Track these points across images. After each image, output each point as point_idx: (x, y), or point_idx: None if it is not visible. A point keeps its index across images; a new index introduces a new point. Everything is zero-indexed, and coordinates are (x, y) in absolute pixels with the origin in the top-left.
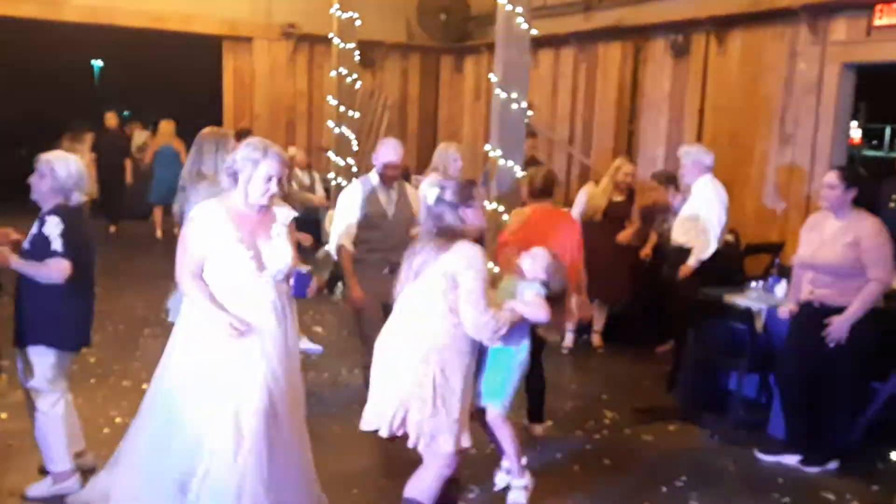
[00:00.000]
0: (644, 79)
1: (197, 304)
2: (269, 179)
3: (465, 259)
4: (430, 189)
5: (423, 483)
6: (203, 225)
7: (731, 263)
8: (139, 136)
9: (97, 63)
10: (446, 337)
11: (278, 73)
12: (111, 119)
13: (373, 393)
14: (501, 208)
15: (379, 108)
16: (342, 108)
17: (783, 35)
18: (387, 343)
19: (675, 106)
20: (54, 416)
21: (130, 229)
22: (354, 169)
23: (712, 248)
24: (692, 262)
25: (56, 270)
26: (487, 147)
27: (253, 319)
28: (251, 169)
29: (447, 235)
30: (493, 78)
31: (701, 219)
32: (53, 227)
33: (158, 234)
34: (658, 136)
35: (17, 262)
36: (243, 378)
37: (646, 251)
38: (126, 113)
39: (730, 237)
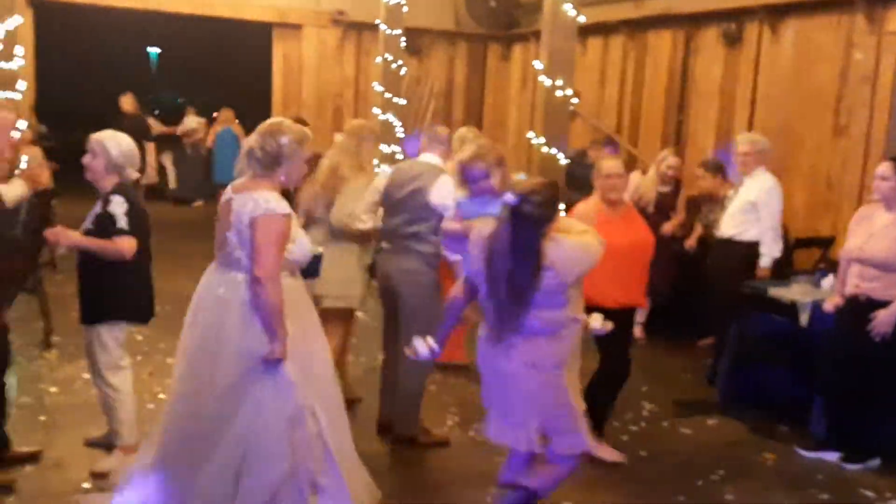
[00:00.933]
0: (694, 68)
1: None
2: None
3: None
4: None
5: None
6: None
7: (779, 257)
8: (190, 121)
9: (154, 51)
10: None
11: (326, 61)
12: (127, 103)
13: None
14: None
15: (425, 95)
16: (387, 95)
17: (838, 24)
18: None
19: (726, 96)
20: (125, 392)
21: (174, 212)
22: (399, 156)
23: (780, 243)
24: (766, 262)
25: (125, 248)
26: (531, 135)
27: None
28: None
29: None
30: (538, 65)
31: (760, 212)
32: (118, 206)
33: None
34: (707, 126)
35: (84, 240)
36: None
37: (690, 242)
38: (179, 100)
39: None
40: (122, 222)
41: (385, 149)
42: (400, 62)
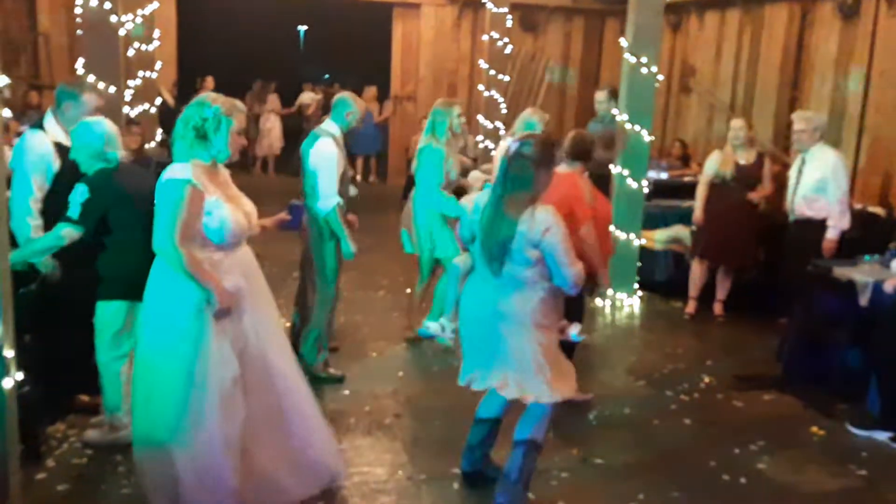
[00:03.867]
0: (809, 42)
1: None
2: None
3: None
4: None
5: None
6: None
7: (880, 237)
8: (305, 97)
9: (302, 28)
10: None
11: (443, 38)
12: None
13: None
14: (626, 172)
15: (539, 71)
16: (492, 72)
17: None
18: None
19: (841, 71)
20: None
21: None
22: (502, 132)
23: (848, 216)
24: (833, 234)
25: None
26: (615, 111)
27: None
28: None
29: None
30: (623, 42)
31: (828, 186)
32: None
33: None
34: (821, 102)
35: None
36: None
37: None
38: (326, 76)
39: (880, 210)
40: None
41: (488, 125)
42: (506, 40)
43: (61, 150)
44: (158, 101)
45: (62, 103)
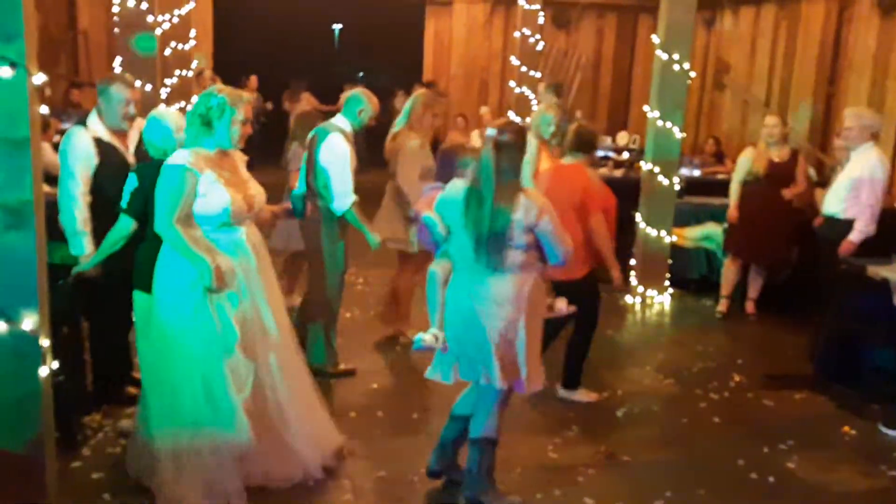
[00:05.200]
0: (847, 38)
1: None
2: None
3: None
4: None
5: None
6: None
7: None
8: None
9: (337, 27)
10: None
11: (475, 36)
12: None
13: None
14: (657, 169)
15: (572, 67)
16: (524, 69)
17: None
18: None
19: (880, 67)
20: None
21: None
22: None
23: (874, 223)
24: (855, 237)
25: None
26: (646, 108)
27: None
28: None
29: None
30: (655, 39)
31: (864, 188)
32: None
33: None
34: (859, 99)
35: None
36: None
37: (819, 220)
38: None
39: None
40: None
41: (518, 121)
42: (538, 36)
43: (101, 145)
44: (194, 99)
45: (98, 99)
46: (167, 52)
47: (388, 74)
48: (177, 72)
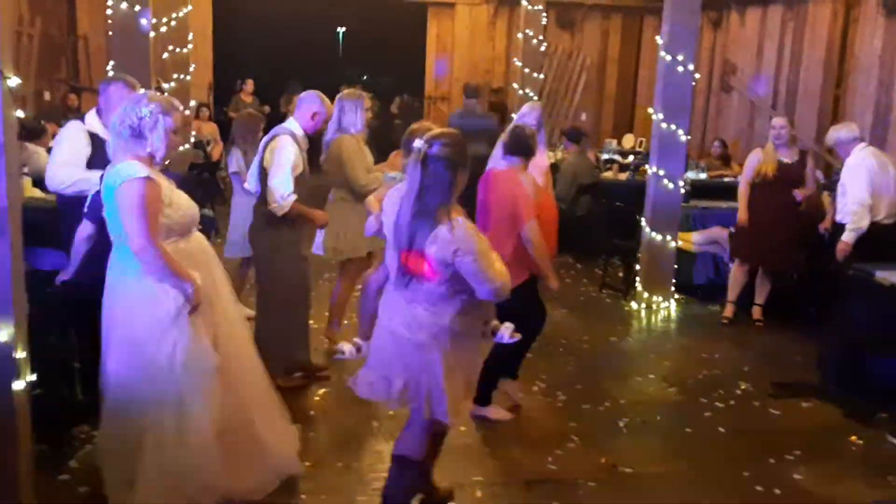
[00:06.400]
0: (854, 39)
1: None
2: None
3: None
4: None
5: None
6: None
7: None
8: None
9: (341, 30)
10: None
11: (478, 38)
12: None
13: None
14: (662, 172)
15: (576, 69)
16: (527, 70)
17: None
18: None
19: (886, 68)
20: None
21: None
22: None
23: (866, 220)
24: (848, 237)
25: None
26: (650, 110)
27: None
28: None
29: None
30: (659, 41)
31: (847, 188)
32: None
33: None
34: (866, 101)
35: None
36: None
37: (826, 224)
38: (364, 77)
39: None
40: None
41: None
42: (540, 38)
43: (95, 139)
44: (193, 103)
45: (99, 99)
46: (164, 55)
47: (392, 77)
48: (175, 76)
